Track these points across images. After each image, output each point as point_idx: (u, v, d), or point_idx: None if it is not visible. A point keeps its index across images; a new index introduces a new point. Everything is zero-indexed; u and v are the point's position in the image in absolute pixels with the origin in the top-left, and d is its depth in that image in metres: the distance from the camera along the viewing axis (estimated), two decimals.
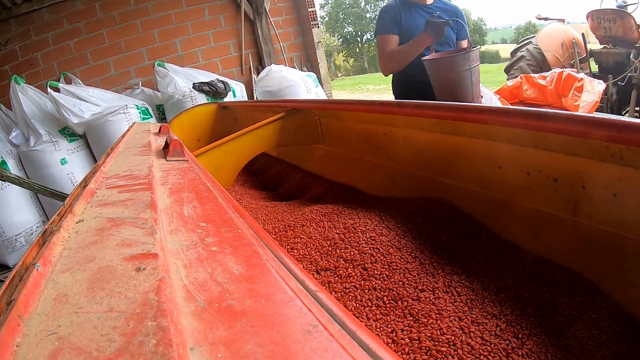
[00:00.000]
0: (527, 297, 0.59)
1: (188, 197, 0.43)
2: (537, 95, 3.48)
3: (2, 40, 2.93)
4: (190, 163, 0.62)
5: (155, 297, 0.22)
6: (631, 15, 3.67)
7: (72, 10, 3.07)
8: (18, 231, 2.58)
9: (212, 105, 2.11)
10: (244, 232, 0.33)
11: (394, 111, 0.93)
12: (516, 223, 0.72)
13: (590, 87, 3.20)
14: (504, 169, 0.74)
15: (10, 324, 0.19)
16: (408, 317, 0.58)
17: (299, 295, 0.24)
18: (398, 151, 1.03)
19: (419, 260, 0.70)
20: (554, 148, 0.63)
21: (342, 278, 0.68)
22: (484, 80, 8.10)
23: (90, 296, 0.22)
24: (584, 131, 0.53)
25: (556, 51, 4.25)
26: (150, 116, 2.91)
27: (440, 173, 0.90)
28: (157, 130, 1.09)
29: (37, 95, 2.72)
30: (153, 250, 0.28)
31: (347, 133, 1.24)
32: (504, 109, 0.64)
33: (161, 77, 3.01)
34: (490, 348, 0.52)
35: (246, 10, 3.55)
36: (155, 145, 0.79)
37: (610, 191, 0.57)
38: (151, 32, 3.32)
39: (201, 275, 0.26)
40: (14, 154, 2.69)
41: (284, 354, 0.19)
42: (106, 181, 0.49)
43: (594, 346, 0.50)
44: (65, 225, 0.33)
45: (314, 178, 1.34)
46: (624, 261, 0.56)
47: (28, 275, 0.24)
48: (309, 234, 0.83)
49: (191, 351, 0.18)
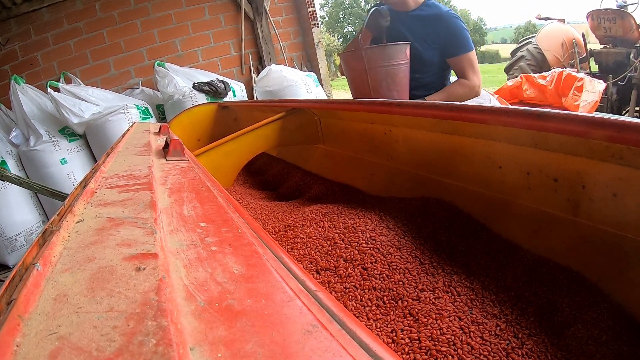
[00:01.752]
0: (527, 297, 0.59)
1: (188, 197, 0.43)
2: (537, 95, 3.48)
3: (2, 40, 2.93)
4: (190, 163, 0.62)
5: (155, 297, 0.22)
6: (631, 15, 3.67)
7: (72, 10, 3.07)
8: (18, 231, 2.58)
9: (212, 105, 2.11)
10: (244, 232, 0.33)
11: (393, 111, 0.93)
12: (516, 223, 0.72)
13: (590, 87, 3.20)
14: (504, 168, 0.74)
15: (10, 324, 0.19)
16: (408, 317, 0.58)
17: (299, 295, 0.24)
18: (398, 151, 1.03)
19: (419, 260, 0.70)
20: (554, 148, 0.63)
21: (342, 278, 0.68)
22: (485, 80, 8.10)
23: (90, 296, 0.22)
24: (584, 131, 0.53)
25: (556, 51, 4.25)
26: (150, 116, 2.91)
27: (440, 173, 0.90)
28: (157, 130, 1.09)
29: (37, 95, 2.72)
30: (153, 250, 0.28)
31: (347, 133, 1.24)
32: (504, 109, 0.64)
33: (161, 77, 3.01)
34: (490, 348, 0.52)
35: (246, 10, 3.55)
36: (155, 145, 0.79)
37: (610, 191, 0.57)
38: (151, 32, 3.32)
39: (201, 275, 0.26)
40: (14, 154, 2.69)
41: (284, 353, 0.19)
42: (106, 181, 0.49)
43: (594, 346, 0.50)
44: (65, 225, 0.33)
45: (314, 178, 1.34)
46: (624, 261, 0.56)
47: (28, 275, 0.24)
48: (309, 233, 0.83)
49: (191, 351, 0.18)
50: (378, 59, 1.36)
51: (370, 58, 1.36)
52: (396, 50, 1.37)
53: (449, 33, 1.47)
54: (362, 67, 1.37)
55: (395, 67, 1.37)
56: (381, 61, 1.36)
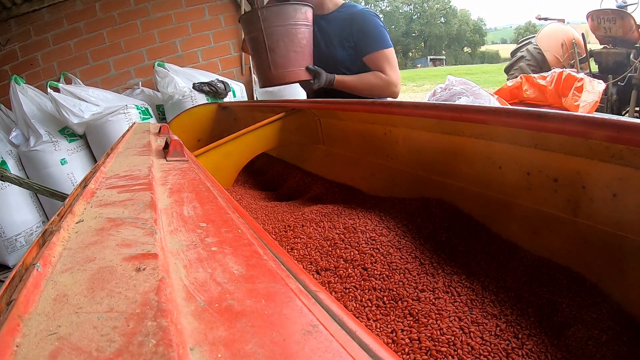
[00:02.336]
0: (527, 297, 0.59)
1: (188, 197, 0.43)
2: (537, 95, 3.49)
3: (2, 40, 2.93)
4: (190, 163, 0.62)
5: (155, 297, 0.22)
6: (631, 15, 3.68)
7: (72, 10, 3.07)
8: (18, 231, 2.58)
9: (212, 105, 2.11)
10: (244, 232, 0.33)
11: (393, 111, 0.93)
12: (516, 223, 0.72)
13: (590, 87, 3.20)
14: (504, 169, 0.74)
15: (10, 324, 0.19)
16: (408, 317, 0.58)
17: (299, 295, 0.24)
18: (398, 151, 1.03)
19: (419, 260, 0.70)
20: (554, 148, 0.63)
21: (342, 278, 0.68)
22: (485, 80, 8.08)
23: (90, 296, 0.22)
24: (584, 131, 0.53)
25: (556, 51, 4.25)
26: (150, 116, 2.91)
27: (440, 173, 0.90)
28: (157, 131, 1.09)
29: (37, 95, 2.72)
30: (153, 250, 0.28)
31: (347, 133, 1.24)
32: (504, 109, 0.64)
33: (161, 77, 3.01)
34: (490, 348, 0.52)
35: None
36: (155, 146, 0.80)
37: (610, 191, 0.57)
38: (151, 32, 3.32)
39: (201, 275, 0.26)
40: (14, 154, 2.69)
41: (284, 354, 0.19)
42: (106, 181, 0.49)
43: (594, 346, 0.50)
44: (65, 226, 0.33)
45: (314, 178, 1.34)
46: (624, 261, 0.56)
47: (28, 275, 0.24)
48: (309, 234, 0.83)
49: (191, 351, 0.18)
50: (274, 18, 1.34)
51: (267, 17, 1.34)
52: (294, 9, 1.35)
53: (360, 31, 1.43)
54: (259, 27, 1.35)
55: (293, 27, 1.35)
56: (277, 20, 1.34)
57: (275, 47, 1.36)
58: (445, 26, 39.60)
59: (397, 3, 40.46)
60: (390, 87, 1.45)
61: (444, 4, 39.96)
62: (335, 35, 1.48)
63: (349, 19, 1.45)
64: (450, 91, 2.83)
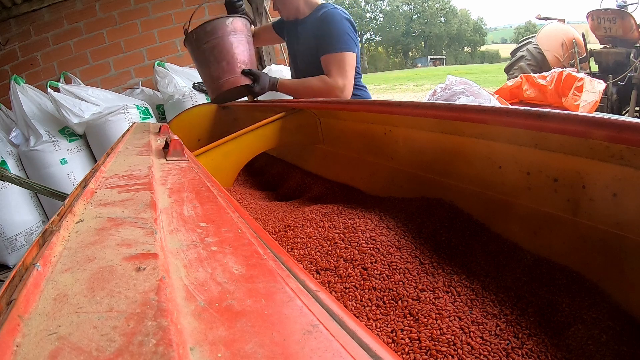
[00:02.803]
0: (527, 297, 0.59)
1: (188, 197, 0.43)
2: (537, 95, 3.49)
3: (2, 40, 2.92)
4: (190, 163, 0.62)
5: (155, 297, 0.22)
6: (631, 15, 3.68)
7: (72, 10, 3.07)
8: (18, 231, 2.58)
9: (212, 105, 2.11)
10: (244, 232, 0.33)
11: (393, 111, 0.93)
12: (516, 223, 0.72)
13: (590, 87, 3.20)
14: (504, 169, 0.74)
15: (10, 324, 0.19)
16: (408, 317, 0.58)
17: (299, 295, 0.24)
18: (398, 151, 1.03)
19: (419, 260, 0.70)
20: (554, 148, 0.63)
21: (342, 278, 0.68)
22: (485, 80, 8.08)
23: (90, 296, 0.22)
24: (584, 131, 0.53)
25: (556, 51, 4.25)
26: (150, 116, 2.91)
27: (440, 173, 0.90)
28: (157, 130, 1.09)
29: (37, 95, 2.72)
30: (153, 250, 0.28)
31: (347, 133, 1.24)
32: (504, 109, 0.64)
33: (161, 77, 3.01)
34: (490, 348, 0.52)
35: (246, 10, 3.55)
36: (155, 145, 0.80)
37: (610, 191, 0.57)
38: (151, 32, 3.31)
39: (201, 275, 0.26)
40: (14, 154, 2.69)
41: (284, 354, 0.19)
42: (106, 181, 0.49)
43: (594, 346, 0.50)
44: (65, 225, 0.33)
45: (314, 178, 1.34)
46: (624, 261, 0.56)
47: (28, 275, 0.24)
48: (309, 233, 0.83)
49: (191, 351, 0.18)
50: (202, 36, 1.45)
51: (197, 39, 1.45)
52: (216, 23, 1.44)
53: (321, 32, 1.42)
54: (195, 48, 1.48)
55: (220, 39, 1.44)
56: (205, 37, 1.45)
57: (209, 62, 1.47)
58: (445, 26, 39.60)
59: (397, 3, 40.42)
60: (334, 92, 1.41)
61: (444, 3, 39.95)
62: (312, 38, 1.48)
63: (318, 20, 1.45)
64: (450, 91, 2.83)
